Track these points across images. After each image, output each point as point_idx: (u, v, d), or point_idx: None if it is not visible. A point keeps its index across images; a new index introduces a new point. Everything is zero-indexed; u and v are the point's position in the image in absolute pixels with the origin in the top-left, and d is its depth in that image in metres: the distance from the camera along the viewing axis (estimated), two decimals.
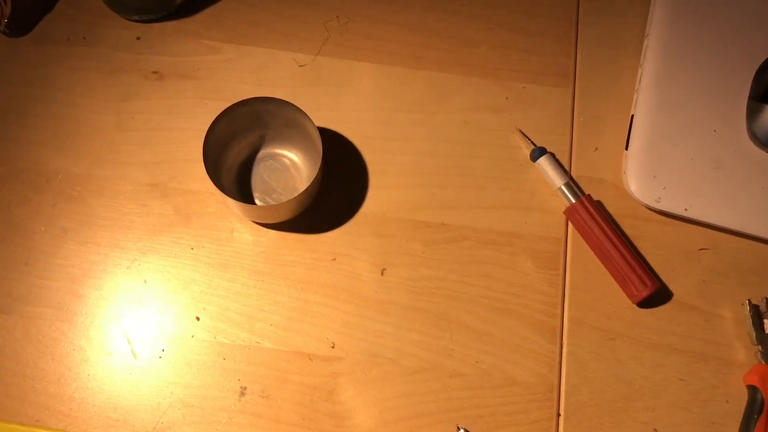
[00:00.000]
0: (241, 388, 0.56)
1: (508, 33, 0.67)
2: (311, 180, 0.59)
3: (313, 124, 0.55)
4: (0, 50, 0.64)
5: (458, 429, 0.55)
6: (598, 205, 0.61)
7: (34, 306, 0.58)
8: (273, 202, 0.60)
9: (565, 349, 0.58)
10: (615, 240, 0.58)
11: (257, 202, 0.60)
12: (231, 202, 0.56)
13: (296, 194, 0.59)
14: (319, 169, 0.55)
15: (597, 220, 0.59)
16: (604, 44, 0.67)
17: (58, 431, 0.54)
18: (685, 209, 0.59)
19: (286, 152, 0.62)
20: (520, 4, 0.68)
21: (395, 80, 0.65)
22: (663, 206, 0.59)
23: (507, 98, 0.65)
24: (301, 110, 0.56)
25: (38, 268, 0.59)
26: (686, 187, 0.59)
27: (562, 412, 0.56)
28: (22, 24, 0.64)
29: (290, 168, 0.61)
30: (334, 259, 0.60)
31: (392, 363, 0.57)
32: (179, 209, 0.60)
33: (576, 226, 0.60)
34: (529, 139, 0.62)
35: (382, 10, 0.67)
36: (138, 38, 0.65)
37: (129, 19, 0.66)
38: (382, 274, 0.59)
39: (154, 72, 0.64)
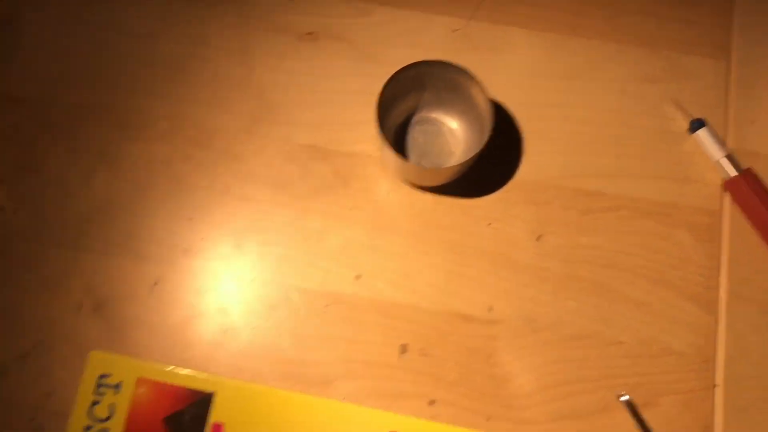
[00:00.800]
0: (402, 345, 0.57)
1: (663, 2, 0.66)
2: (469, 145, 0.59)
3: (483, 89, 0.56)
4: (158, 6, 0.65)
5: (620, 395, 0.55)
6: (758, 179, 0.60)
7: (199, 259, 0.59)
8: (428, 165, 0.61)
9: (722, 321, 0.58)
10: None
11: None
12: (394, 163, 0.56)
13: (454, 159, 0.60)
14: (488, 136, 0.55)
15: (759, 194, 0.58)
16: (760, 15, 0.66)
17: (234, 380, 0.56)
18: None
19: (442, 116, 0.62)
20: None
21: (550, 47, 0.65)
22: None
23: (663, 68, 0.64)
24: (471, 74, 0.56)
25: (202, 222, 0.60)
26: None
27: (719, 382, 0.57)
28: None
29: (446, 132, 0.62)
30: (490, 224, 0.60)
31: (550, 329, 0.58)
32: (338, 171, 0.61)
33: (735, 199, 0.60)
34: (686, 111, 0.62)
35: None
36: None
37: None
38: (537, 240, 0.60)
39: (309, 33, 0.65)
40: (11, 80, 0.63)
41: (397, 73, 0.56)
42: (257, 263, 0.59)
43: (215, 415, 0.52)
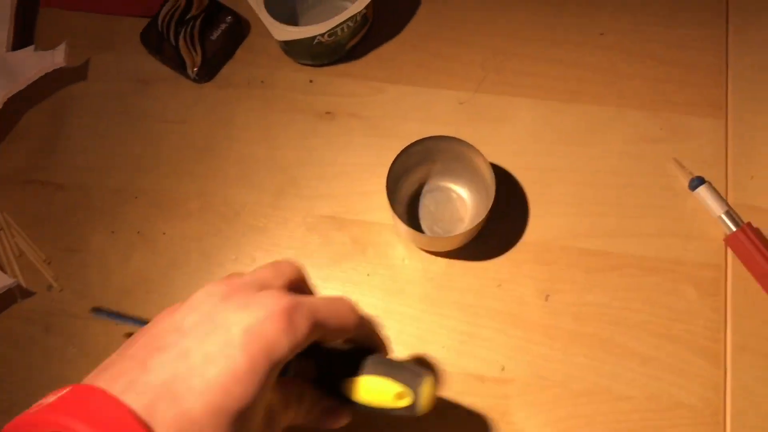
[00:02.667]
0: None
1: (660, 66, 0.69)
2: (477, 211, 0.63)
3: (485, 160, 0.59)
4: (190, 94, 0.72)
5: None
6: (758, 232, 0.62)
7: None
8: (440, 231, 0.64)
9: (729, 374, 0.60)
10: None
11: (424, 231, 0.65)
12: (406, 233, 0.60)
13: (464, 224, 0.64)
14: (492, 202, 0.59)
15: (759, 247, 0.60)
16: (754, 75, 0.68)
17: None
18: None
19: (451, 185, 0.66)
20: (671, 37, 0.70)
21: (551, 114, 0.68)
22: None
23: (662, 129, 0.67)
24: (473, 147, 0.60)
25: None
26: None
27: None
28: (208, 70, 0.71)
29: (455, 200, 0.66)
30: (500, 285, 0.64)
31: (561, 386, 0.60)
32: (356, 239, 0.66)
33: (737, 254, 0.62)
34: (686, 169, 0.65)
35: (536, 47, 0.71)
36: (311, 81, 0.71)
37: (302, 64, 0.72)
38: (546, 299, 0.63)
39: (327, 112, 0.70)
40: (56, 169, 0.70)
41: (405, 148, 0.61)
42: None
43: None
